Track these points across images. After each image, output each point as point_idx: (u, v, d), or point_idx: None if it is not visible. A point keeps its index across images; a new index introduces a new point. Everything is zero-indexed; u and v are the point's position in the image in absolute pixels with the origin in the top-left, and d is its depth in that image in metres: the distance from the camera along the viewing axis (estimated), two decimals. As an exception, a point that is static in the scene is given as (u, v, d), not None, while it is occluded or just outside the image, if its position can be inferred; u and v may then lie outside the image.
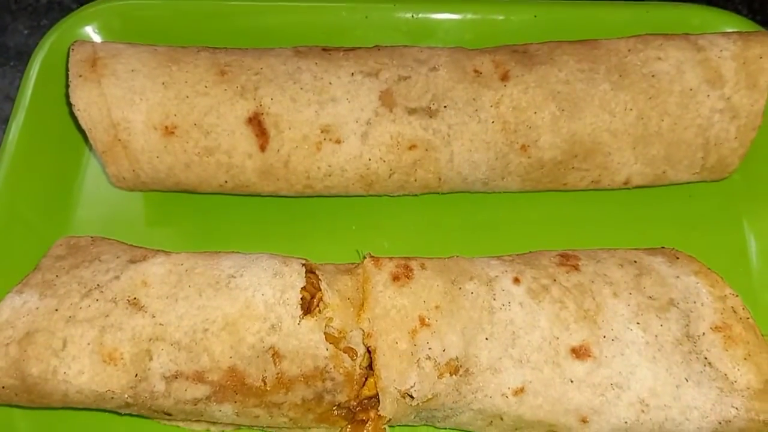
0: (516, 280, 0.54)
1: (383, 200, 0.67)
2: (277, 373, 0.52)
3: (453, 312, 0.52)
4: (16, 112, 0.67)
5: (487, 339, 0.52)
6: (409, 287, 0.52)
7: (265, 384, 0.52)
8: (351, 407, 0.53)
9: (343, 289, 0.55)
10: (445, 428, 0.56)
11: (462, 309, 0.52)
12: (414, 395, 0.50)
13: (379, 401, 0.51)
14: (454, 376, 0.51)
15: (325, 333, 0.53)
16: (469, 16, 0.72)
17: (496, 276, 0.55)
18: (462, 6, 0.72)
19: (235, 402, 0.53)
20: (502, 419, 0.52)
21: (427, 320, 0.51)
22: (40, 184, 0.66)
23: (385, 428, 0.53)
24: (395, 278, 0.53)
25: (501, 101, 0.61)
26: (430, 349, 0.51)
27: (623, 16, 0.71)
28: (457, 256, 0.57)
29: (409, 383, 0.50)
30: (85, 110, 0.60)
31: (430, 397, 0.51)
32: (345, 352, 0.53)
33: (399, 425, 0.56)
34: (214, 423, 0.58)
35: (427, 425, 0.56)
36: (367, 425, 0.53)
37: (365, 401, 0.53)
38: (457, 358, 0.51)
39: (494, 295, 0.53)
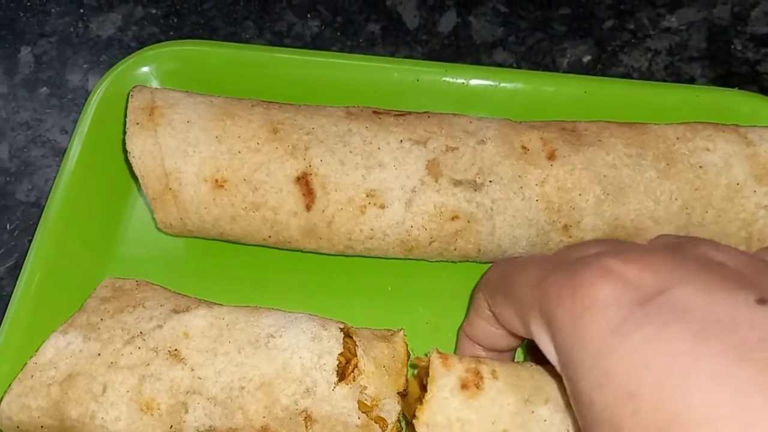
0: None
1: (420, 264, 0.69)
2: (308, 437, 0.54)
3: None
4: (71, 146, 0.70)
5: None
6: (478, 401, 0.50)
7: (295, 446, 0.54)
8: None
9: (379, 357, 0.57)
10: None
11: None
12: None
13: None
14: None
15: (358, 401, 0.55)
16: (520, 86, 0.74)
17: None
18: (513, 76, 0.74)
19: (265, 461, 0.55)
20: None
21: None
22: (89, 221, 0.69)
23: None
24: (464, 386, 0.51)
25: (546, 180, 0.63)
26: None
27: (674, 98, 0.72)
28: (531, 364, 0.55)
29: None
30: (139, 158, 0.63)
31: None
32: (376, 422, 0.55)
33: None
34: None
35: None
36: None
37: None
38: None
39: (568, 429, 0.51)
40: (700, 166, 0.63)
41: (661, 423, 0.34)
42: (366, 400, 0.55)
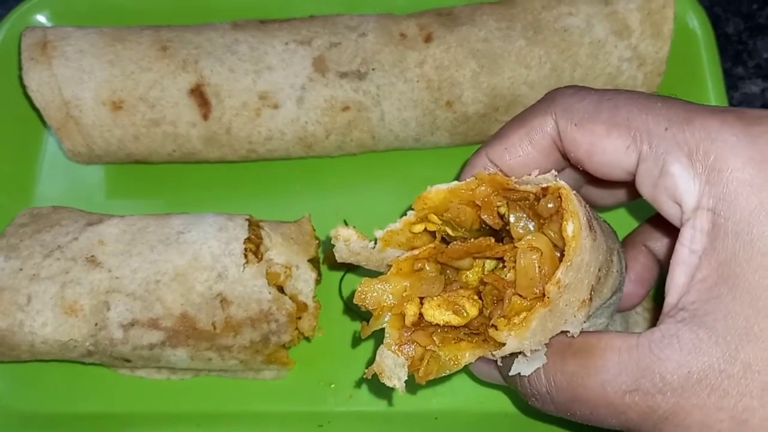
0: None
1: (324, 160, 0.75)
2: (226, 317, 0.60)
3: None
4: (-24, 96, 0.75)
5: None
6: (596, 242, 0.44)
7: (214, 328, 0.60)
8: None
9: (286, 232, 0.64)
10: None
11: None
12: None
13: None
14: None
15: (270, 272, 0.61)
16: (400, -18, 0.80)
17: None
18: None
19: (188, 346, 0.61)
20: None
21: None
22: (3, 163, 0.74)
23: None
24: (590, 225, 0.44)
25: (425, 61, 0.69)
26: None
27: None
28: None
29: None
30: (38, 90, 0.68)
31: None
32: (291, 298, 0.62)
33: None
34: (173, 371, 0.66)
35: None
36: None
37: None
38: None
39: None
40: (565, 30, 0.69)
41: None
42: (278, 269, 0.62)
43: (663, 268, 0.57)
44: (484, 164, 0.51)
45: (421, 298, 0.48)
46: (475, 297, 0.48)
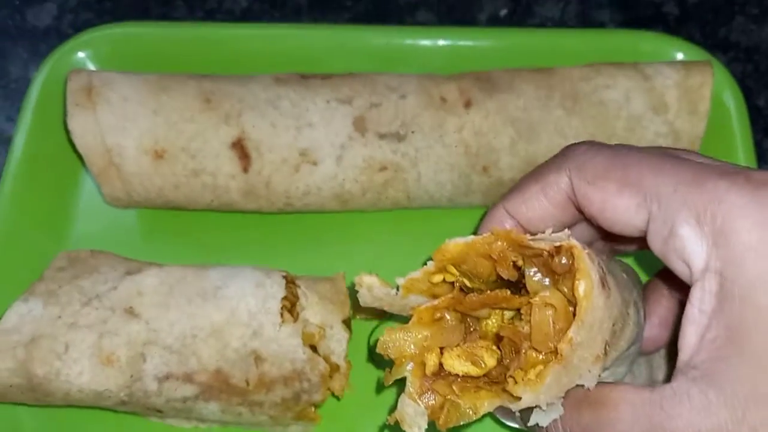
0: None
1: (356, 215, 0.76)
2: (259, 374, 0.61)
3: None
4: (17, 133, 0.77)
5: None
6: (610, 299, 0.45)
7: (247, 384, 0.61)
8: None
9: (322, 291, 0.65)
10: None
11: None
12: None
13: None
14: None
15: (306, 332, 0.62)
16: (440, 42, 0.81)
17: None
18: (431, 33, 0.82)
19: (221, 400, 0.62)
20: None
21: None
22: (40, 202, 0.75)
23: None
24: (603, 284, 0.45)
25: (464, 126, 0.70)
26: None
27: (581, 42, 0.80)
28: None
29: None
30: (81, 137, 0.69)
31: None
32: (324, 359, 0.63)
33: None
34: (202, 421, 0.67)
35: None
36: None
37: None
38: None
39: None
40: (602, 103, 0.71)
41: None
42: (313, 330, 0.63)
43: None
44: (502, 217, 0.53)
45: (441, 348, 0.49)
46: (494, 347, 0.49)
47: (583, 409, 0.46)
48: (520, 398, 0.44)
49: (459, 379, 0.48)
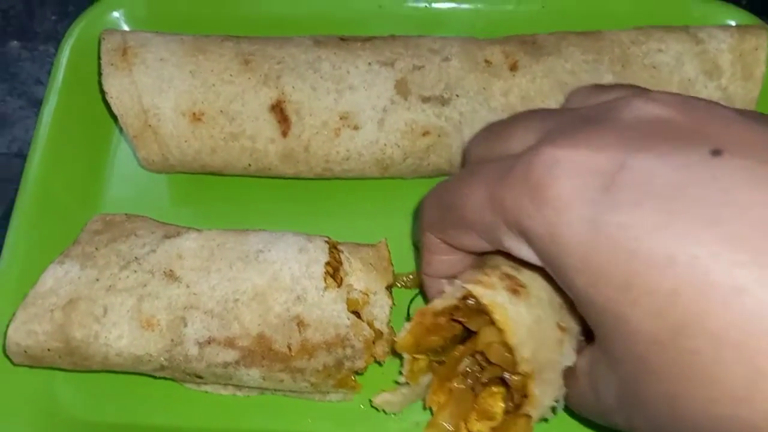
0: None
1: (397, 182, 0.75)
2: (302, 340, 0.60)
3: None
4: (48, 96, 0.75)
5: None
6: (528, 301, 0.50)
7: (290, 350, 0.61)
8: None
9: (365, 257, 0.64)
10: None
11: None
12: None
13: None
14: None
15: (349, 298, 0.61)
16: (480, 6, 0.79)
17: None
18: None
19: (262, 366, 0.61)
20: None
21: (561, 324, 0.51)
22: (73, 165, 0.74)
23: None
24: (513, 292, 0.50)
25: (510, 90, 0.69)
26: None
27: (627, 5, 0.79)
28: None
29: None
30: (117, 97, 0.68)
31: None
32: (368, 324, 0.62)
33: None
34: (240, 387, 0.66)
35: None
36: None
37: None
38: None
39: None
40: (654, 66, 0.69)
41: (659, 303, 0.36)
42: (357, 296, 0.62)
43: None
44: (433, 283, 0.61)
45: (465, 422, 0.55)
46: (494, 388, 0.54)
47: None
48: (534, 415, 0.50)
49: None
